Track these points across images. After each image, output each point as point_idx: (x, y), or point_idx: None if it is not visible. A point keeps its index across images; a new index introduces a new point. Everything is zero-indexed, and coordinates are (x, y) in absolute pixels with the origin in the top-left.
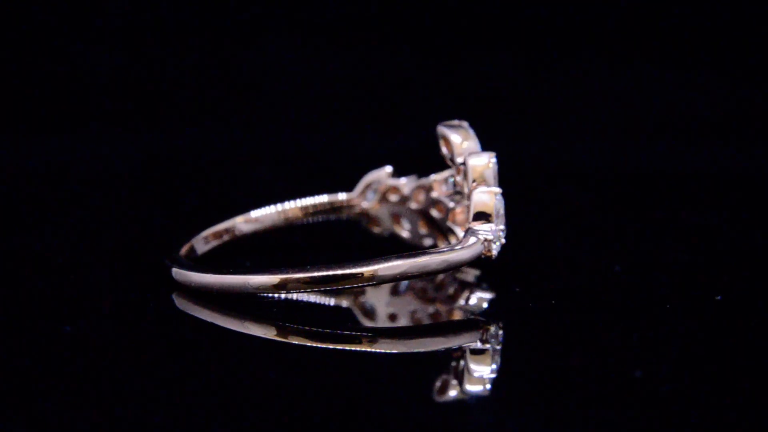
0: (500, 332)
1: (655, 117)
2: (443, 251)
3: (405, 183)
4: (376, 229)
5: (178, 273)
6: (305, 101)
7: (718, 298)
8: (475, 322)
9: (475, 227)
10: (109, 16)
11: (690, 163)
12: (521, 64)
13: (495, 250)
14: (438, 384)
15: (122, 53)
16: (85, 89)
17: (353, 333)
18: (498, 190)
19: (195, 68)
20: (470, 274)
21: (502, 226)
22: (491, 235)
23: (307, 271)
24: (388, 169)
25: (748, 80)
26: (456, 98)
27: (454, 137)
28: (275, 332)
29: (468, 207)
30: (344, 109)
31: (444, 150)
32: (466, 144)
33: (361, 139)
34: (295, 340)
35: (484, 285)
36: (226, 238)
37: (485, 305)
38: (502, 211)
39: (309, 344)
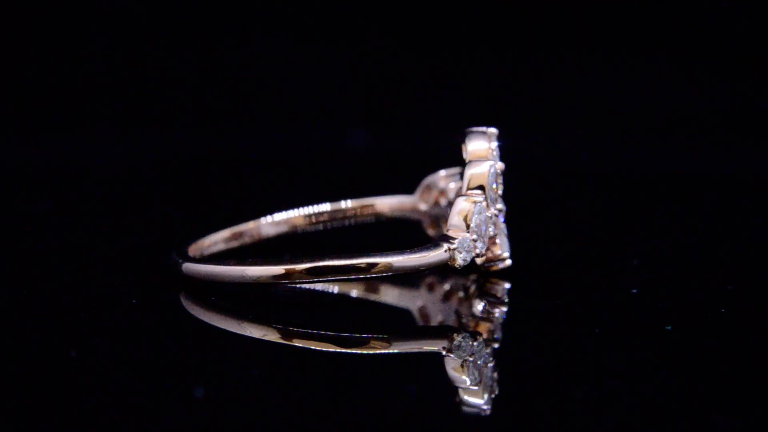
0: (465, 343)
1: (661, 117)
2: (386, 255)
3: (453, 188)
4: (431, 232)
5: (187, 267)
6: (323, 103)
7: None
8: (448, 329)
9: (450, 234)
10: (117, 15)
11: (692, 164)
12: (525, 64)
13: (461, 259)
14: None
15: (133, 52)
16: (98, 89)
17: (325, 333)
18: (478, 199)
19: (204, 69)
20: (500, 285)
21: (474, 236)
22: (456, 244)
23: (247, 264)
24: (442, 172)
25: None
26: (470, 99)
27: (471, 144)
28: (268, 333)
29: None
30: (368, 111)
31: (464, 155)
32: (479, 151)
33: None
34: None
35: (502, 297)
36: (247, 240)
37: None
38: (479, 221)
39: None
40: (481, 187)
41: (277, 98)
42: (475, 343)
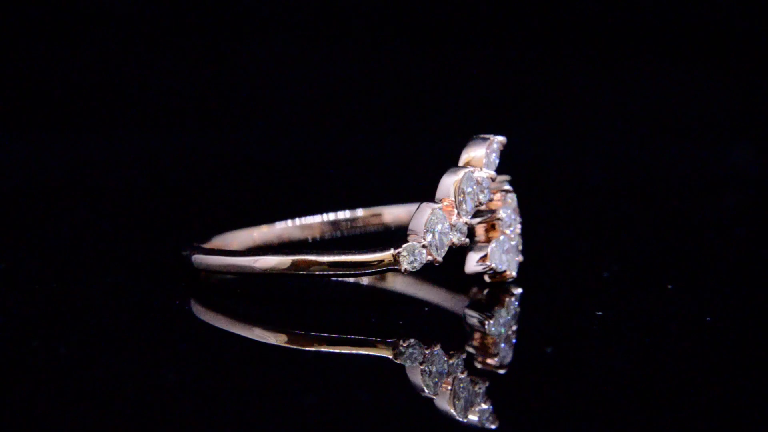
0: (411, 350)
1: (661, 117)
2: (328, 254)
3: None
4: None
5: (197, 258)
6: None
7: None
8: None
9: (409, 239)
10: (130, 15)
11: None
12: (523, 64)
13: (407, 264)
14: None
15: (142, 52)
16: (109, 90)
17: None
18: (436, 205)
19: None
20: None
21: (425, 242)
22: (402, 248)
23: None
24: None
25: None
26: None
27: (465, 151)
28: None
29: None
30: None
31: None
32: (471, 159)
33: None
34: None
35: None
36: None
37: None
38: (436, 228)
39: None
40: (449, 195)
41: (282, 100)
42: (427, 351)
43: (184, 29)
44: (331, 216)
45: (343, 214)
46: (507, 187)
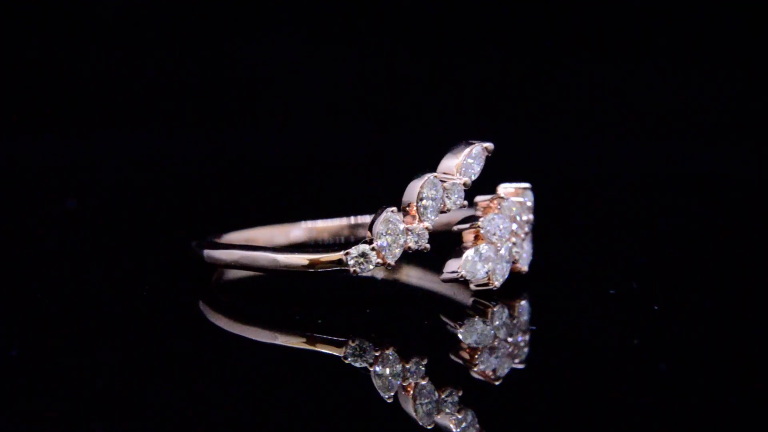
0: (359, 351)
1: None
2: (282, 252)
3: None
4: None
5: (208, 253)
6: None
7: None
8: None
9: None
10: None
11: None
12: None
13: (356, 266)
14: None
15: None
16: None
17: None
18: (390, 209)
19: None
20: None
21: (376, 245)
22: (351, 249)
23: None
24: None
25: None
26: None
27: (444, 158)
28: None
29: None
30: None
31: None
32: (447, 167)
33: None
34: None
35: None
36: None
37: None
38: (388, 231)
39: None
40: (409, 199)
41: (284, 100)
42: (376, 353)
43: (201, 31)
44: (352, 220)
45: (356, 219)
46: (502, 195)
